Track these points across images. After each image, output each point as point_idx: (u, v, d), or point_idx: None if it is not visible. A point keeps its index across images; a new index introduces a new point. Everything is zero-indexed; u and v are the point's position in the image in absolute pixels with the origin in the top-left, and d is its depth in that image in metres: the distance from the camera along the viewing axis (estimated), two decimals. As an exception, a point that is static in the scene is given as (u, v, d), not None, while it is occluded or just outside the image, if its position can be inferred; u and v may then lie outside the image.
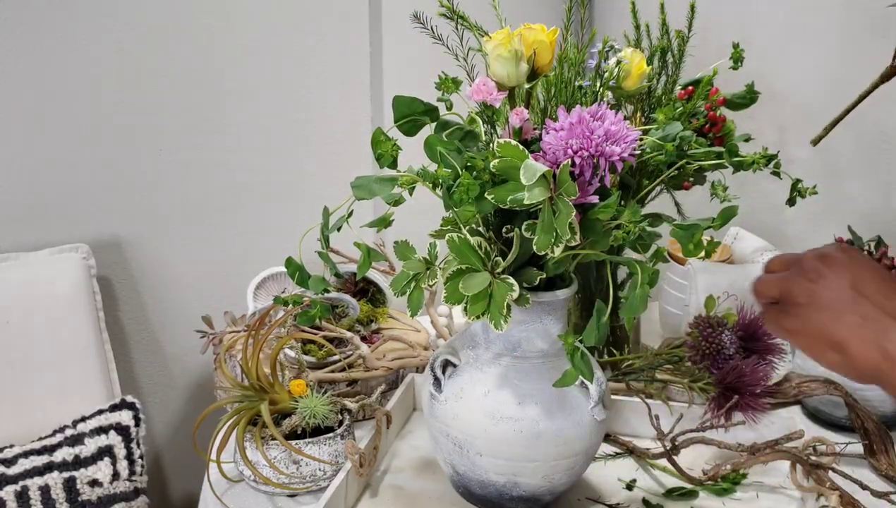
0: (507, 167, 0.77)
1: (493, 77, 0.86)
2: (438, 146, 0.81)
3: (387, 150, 0.83)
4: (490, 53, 0.85)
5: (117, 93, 1.45)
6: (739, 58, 0.99)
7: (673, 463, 1.05)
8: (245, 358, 1.07)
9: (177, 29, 1.47)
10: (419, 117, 0.85)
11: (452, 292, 0.80)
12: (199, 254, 1.58)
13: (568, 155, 0.79)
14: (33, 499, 1.16)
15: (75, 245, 1.41)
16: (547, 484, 0.94)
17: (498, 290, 0.80)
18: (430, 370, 0.96)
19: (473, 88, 0.85)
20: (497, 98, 0.85)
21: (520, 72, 0.85)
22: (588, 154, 0.79)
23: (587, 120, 0.80)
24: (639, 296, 0.82)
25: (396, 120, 0.84)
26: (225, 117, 1.55)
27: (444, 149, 0.80)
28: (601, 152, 0.79)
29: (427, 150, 0.82)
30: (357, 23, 1.62)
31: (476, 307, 0.80)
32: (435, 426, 0.96)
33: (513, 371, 0.91)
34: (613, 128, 0.80)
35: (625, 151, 0.80)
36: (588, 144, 0.79)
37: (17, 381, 1.31)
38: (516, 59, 0.84)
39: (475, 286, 0.79)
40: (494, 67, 0.85)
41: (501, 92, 0.85)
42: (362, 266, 0.88)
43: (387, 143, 0.83)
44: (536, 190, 0.75)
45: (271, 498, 1.06)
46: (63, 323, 1.36)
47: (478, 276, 0.80)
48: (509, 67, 0.85)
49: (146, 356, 1.58)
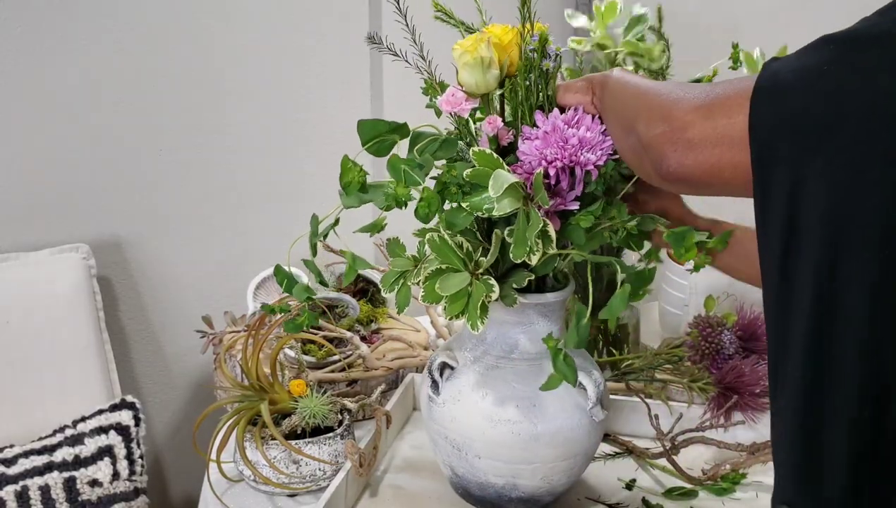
0: (480, 176, 0.77)
1: (461, 85, 0.84)
2: (402, 165, 0.81)
3: (353, 178, 0.84)
4: (457, 61, 0.83)
5: (117, 93, 1.45)
6: (739, 58, 0.99)
7: (672, 463, 1.05)
8: (245, 358, 1.07)
9: (177, 29, 1.47)
10: (387, 137, 0.85)
11: (430, 291, 0.81)
12: (199, 254, 1.58)
13: (542, 164, 0.79)
14: (33, 499, 1.16)
15: (75, 245, 1.41)
16: (546, 485, 0.94)
17: (476, 290, 0.80)
18: (428, 373, 0.96)
19: (443, 98, 0.83)
20: (465, 108, 0.83)
21: (489, 78, 0.83)
22: (562, 164, 0.79)
23: (561, 128, 0.79)
24: (618, 296, 0.82)
25: (364, 143, 0.84)
26: (225, 117, 1.55)
27: (408, 167, 0.81)
28: (576, 161, 0.79)
29: (391, 172, 0.82)
30: (357, 23, 1.62)
31: (454, 306, 0.80)
32: (433, 428, 0.96)
33: (510, 373, 0.91)
34: (588, 135, 0.79)
35: (600, 159, 0.79)
36: (562, 154, 0.79)
37: (17, 381, 1.31)
38: (483, 66, 0.82)
39: (453, 286, 0.79)
40: (462, 75, 0.83)
41: (470, 101, 0.83)
42: (348, 273, 0.88)
43: (353, 170, 0.84)
44: (506, 200, 0.75)
45: (271, 498, 1.06)
46: (63, 323, 1.36)
47: (457, 276, 0.80)
48: (477, 75, 0.82)
49: (146, 356, 1.58)
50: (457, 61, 0.83)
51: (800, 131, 0.56)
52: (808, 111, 0.56)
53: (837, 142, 0.54)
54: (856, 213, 0.54)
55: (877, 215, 0.54)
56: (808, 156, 0.56)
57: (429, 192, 0.78)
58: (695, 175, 0.63)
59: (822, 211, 0.56)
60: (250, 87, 1.56)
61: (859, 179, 0.54)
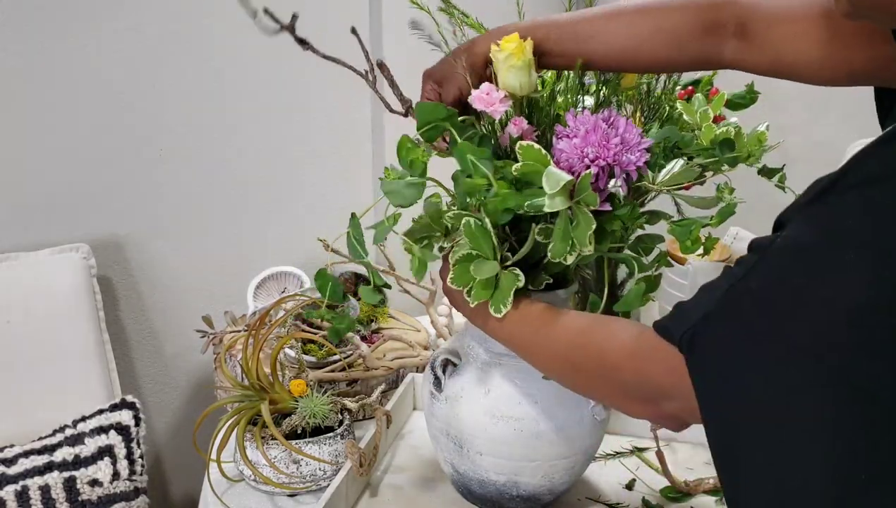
0: (529, 172, 0.76)
1: (504, 88, 0.81)
2: (469, 154, 0.78)
3: (417, 157, 0.80)
4: (501, 63, 0.80)
5: (117, 93, 1.45)
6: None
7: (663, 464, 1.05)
8: (245, 358, 1.07)
9: (177, 29, 1.47)
10: (441, 123, 0.82)
11: (461, 274, 0.79)
12: (199, 254, 1.58)
13: (584, 163, 0.78)
14: (33, 499, 1.16)
15: (75, 245, 1.41)
16: (547, 484, 0.94)
17: (505, 280, 0.79)
18: (431, 369, 0.96)
19: (475, 95, 0.81)
20: (499, 108, 0.81)
21: (532, 80, 0.81)
22: (605, 163, 0.78)
23: (603, 128, 0.79)
24: (634, 292, 0.82)
25: (419, 127, 0.81)
26: (225, 117, 1.55)
27: (475, 157, 0.78)
28: (618, 161, 0.78)
29: (458, 157, 0.79)
30: (357, 23, 1.62)
31: (482, 292, 0.79)
32: (435, 425, 0.96)
33: (513, 370, 0.91)
34: (628, 136, 0.79)
35: (639, 160, 0.79)
36: (606, 154, 0.78)
37: (17, 381, 1.31)
38: (529, 69, 0.80)
39: (486, 272, 0.78)
40: (507, 78, 0.81)
41: (504, 102, 0.81)
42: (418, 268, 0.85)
43: (415, 150, 0.81)
44: (558, 198, 0.74)
45: (271, 498, 1.06)
46: (63, 323, 1.36)
47: (488, 264, 0.79)
48: (522, 77, 0.80)
49: (146, 356, 1.58)
50: (500, 63, 0.81)
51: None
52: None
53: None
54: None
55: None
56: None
57: (504, 187, 0.76)
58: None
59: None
60: (250, 88, 1.56)
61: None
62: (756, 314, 0.53)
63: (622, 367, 0.68)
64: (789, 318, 0.51)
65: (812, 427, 0.49)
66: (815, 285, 0.50)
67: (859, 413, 0.48)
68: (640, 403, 0.69)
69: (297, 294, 1.36)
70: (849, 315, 0.48)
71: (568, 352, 0.75)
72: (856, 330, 0.48)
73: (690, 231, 0.84)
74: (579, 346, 0.74)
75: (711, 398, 0.56)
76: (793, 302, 0.51)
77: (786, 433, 0.50)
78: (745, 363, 0.53)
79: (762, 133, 0.89)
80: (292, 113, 1.61)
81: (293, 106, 1.60)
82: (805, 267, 0.51)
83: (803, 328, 0.50)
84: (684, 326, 0.58)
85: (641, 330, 0.67)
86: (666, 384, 0.63)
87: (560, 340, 0.76)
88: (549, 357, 0.78)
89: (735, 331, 0.54)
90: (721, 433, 0.55)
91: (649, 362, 0.64)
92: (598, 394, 0.78)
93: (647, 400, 0.67)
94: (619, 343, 0.69)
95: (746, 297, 0.54)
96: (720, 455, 0.55)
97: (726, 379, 0.54)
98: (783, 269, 0.53)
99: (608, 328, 0.72)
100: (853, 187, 0.51)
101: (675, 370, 0.59)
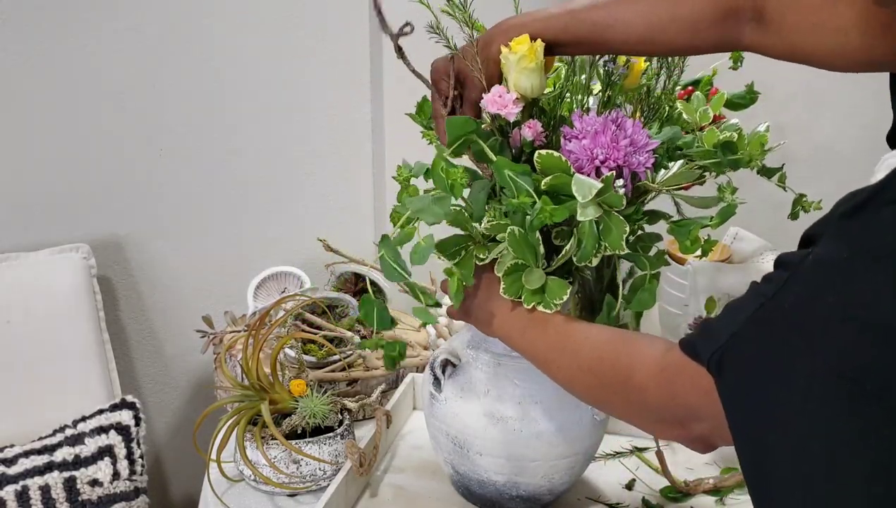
0: (557, 183, 0.75)
1: (516, 90, 0.81)
2: (506, 169, 0.76)
3: (456, 179, 0.77)
4: (514, 65, 0.79)
5: (117, 93, 1.45)
6: (739, 58, 0.99)
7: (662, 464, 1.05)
8: (245, 358, 1.07)
9: (177, 29, 1.47)
10: (471, 137, 0.80)
11: (511, 284, 0.79)
12: (199, 254, 1.58)
13: (594, 164, 0.78)
14: (33, 499, 1.16)
15: (75, 245, 1.41)
16: (547, 484, 0.94)
17: (552, 285, 0.79)
18: (430, 369, 0.96)
19: (488, 98, 0.80)
20: (512, 111, 0.79)
21: (543, 82, 0.81)
22: (615, 164, 0.77)
23: (612, 129, 0.78)
24: (648, 290, 0.82)
25: (450, 142, 0.79)
26: (225, 117, 1.55)
27: (513, 172, 0.76)
28: (627, 162, 0.78)
29: (497, 173, 0.77)
30: (357, 23, 1.62)
31: (533, 297, 0.78)
32: (435, 425, 0.96)
33: (512, 371, 0.91)
34: (637, 137, 0.79)
35: (647, 161, 0.79)
36: (616, 154, 0.77)
37: (17, 381, 1.31)
38: (541, 70, 0.80)
39: (535, 281, 0.78)
40: (519, 80, 0.80)
41: (517, 104, 0.80)
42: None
43: (454, 171, 0.77)
44: (591, 207, 0.74)
45: (271, 498, 1.06)
46: (63, 323, 1.36)
47: (536, 272, 0.78)
48: (534, 79, 0.79)
49: (146, 356, 1.58)
50: (511, 65, 0.80)
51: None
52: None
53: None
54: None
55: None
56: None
57: (548, 203, 0.75)
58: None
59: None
60: (250, 87, 1.56)
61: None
62: (788, 333, 0.52)
63: (648, 388, 0.67)
64: (822, 337, 0.50)
65: (844, 447, 0.49)
66: (848, 303, 0.49)
67: (890, 433, 0.47)
68: (668, 425, 0.67)
69: (297, 294, 1.36)
70: (883, 334, 0.47)
71: (592, 366, 0.73)
72: (889, 349, 0.47)
73: (690, 231, 0.84)
74: (604, 362, 0.72)
75: (743, 419, 0.55)
76: (825, 321, 0.50)
77: (818, 453, 0.50)
78: (776, 383, 0.52)
79: (763, 135, 0.88)
80: (292, 113, 1.61)
81: (293, 106, 1.60)
82: (839, 284, 0.50)
83: (836, 347, 0.49)
84: (713, 346, 0.57)
85: (668, 347, 0.66)
86: (695, 405, 0.62)
87: (582, 355, 0.74)
88: (572, 371, 0.76)
89: (766, 351, 0.54)
90: (753, 453, 0.54)
91: (677, 383, 0.63)
92: (622, 413, 0.75)
93: (676, 422, 0.66)
94: (646, 361, 0.67)
95: (777, 316, 0.54)
96: (752, 475, 0.54)
97: (758, 400, 0.54)
98: (816, 287, 0.52)
99: (634, 345, 0.70)
100: (891, 203, 0.50)
101: (704, 390, 0.58)
